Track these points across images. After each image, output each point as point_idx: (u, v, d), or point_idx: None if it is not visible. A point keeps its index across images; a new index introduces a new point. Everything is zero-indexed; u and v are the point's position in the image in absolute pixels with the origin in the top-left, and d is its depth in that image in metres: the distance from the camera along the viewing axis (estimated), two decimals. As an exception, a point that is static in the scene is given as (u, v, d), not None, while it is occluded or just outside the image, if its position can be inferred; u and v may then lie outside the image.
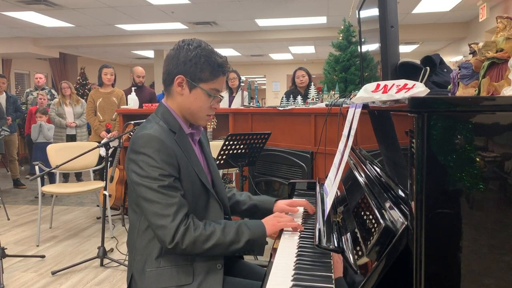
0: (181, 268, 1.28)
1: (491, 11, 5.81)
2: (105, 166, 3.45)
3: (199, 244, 1.22)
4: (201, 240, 1.22)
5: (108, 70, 4.66)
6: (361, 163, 1.47)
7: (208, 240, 1.22)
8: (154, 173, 1.22)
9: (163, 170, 1.22)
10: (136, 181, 1.24)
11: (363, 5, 1.72)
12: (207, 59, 1.30)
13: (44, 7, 6.63)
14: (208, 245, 1.22)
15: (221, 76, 1.35)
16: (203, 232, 1.22)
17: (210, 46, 1.35)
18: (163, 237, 1.21)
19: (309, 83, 4.53)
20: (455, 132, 0.74)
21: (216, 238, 1.23)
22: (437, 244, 0.75)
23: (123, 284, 2.76)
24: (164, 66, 1.35)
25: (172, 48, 1.34)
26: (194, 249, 1.22)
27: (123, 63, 13.91)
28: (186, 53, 1.30)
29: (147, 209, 1.23)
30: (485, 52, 1.12)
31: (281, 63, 13.91)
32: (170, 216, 1.20)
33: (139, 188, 1.23)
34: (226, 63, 1.36)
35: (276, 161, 3.30)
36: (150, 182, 1.22)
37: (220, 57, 1.34)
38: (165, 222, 1.20)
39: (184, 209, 1.23)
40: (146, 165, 1.22)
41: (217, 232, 1.24)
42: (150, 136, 1.24)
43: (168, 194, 1.22)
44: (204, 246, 1.22)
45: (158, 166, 1.22)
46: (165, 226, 1.20)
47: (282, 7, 6.75)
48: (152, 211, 1.21)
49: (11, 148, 5.86)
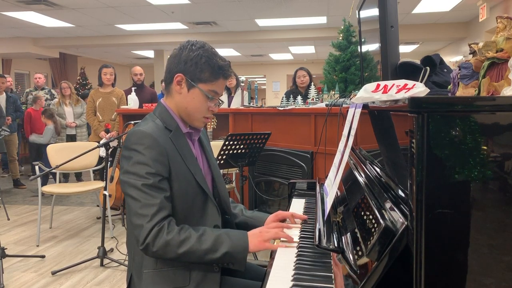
0: (178, 270, 1.27)
1: (491, 11, 5.81)
2: (105, 166, 3.45)
3: (171, 248, 1.18)
4: (173, 244, 1.18)
5: (108, 70, 4.65)
6: (361, 163, 1.47)
7: (181, 246, 1.19)
8: (141, 171, 1.21)
9: (150, 168, 1.21)
10: (123, 178, 1.24)
11: (363, 5, 1.72)
12: (208, 60, 1.30)
13: (44, 7, 6.63)
14: (180, 250, 1.19)
15: (221, 78, 1.34)
16: (175, 237, 1.19)
17: (214, 49, 1.35)
18: (138, 237, 1.19)
19: (309, 83, 4.53)
20: (455, 132, 0.74)
21: (190, 244, 1.19)
22: (437, 244, 0.75)
23: (123, 284, 2.76)
24: (166, 64, 1.36)
25: (176, 47, 1.35)
26: (165, 253, 1.19)
27: (123, 63, 13.91)
28: (188, 53, 1.30)
29: (129, 206, 1.22)
30: (485, 52, 1.12)
31: (281, 63, 13.91)
32: (148, 216, 1.18)
33: (124, 185, 1.24)
34: (228, 67, 1.35)
35: (276, 161, 3.30)
36: (135, 180, 1.21)
37: (223, 60, 1.34)
38: (142, 221, 1.18)
39: (164, 211, 1.21)
40: (135, 162, 1.22)
41: (192, 238, 1.20)
42: (143, 133, 1.24)
43: (150, 194, 1.20)
44: (177, 250, 1.19)
45: (146, 163, 1.21)
46: (141, 225, 1.18)
47: (282, 7, 6.75)
48: (133, 210, 1.20)
49: (11, 148, 5.86)
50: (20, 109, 6.18)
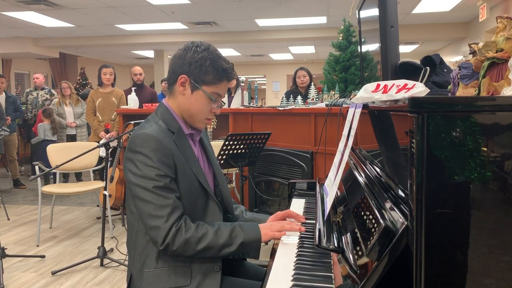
0: (178, 270, 1.28)
1: (491, 11, 5.81)
2: (105, 166, 3.45)
3: (190, 245, 1.21)
4: (192, 241, 1.21)
5: (107, 70, 4.64)
6: (361, 163, 1.47)
7: (199, 242, 1.22)
8: (150, 173, 1.21)
9: (159, 170, 1.22)
10: (132, 181, 1.24)
11: (363, 5, 1.72)
12: (213, 62, 1.31)
13: (44, 7, 6.63)
14: (199, 247, 1.22)
15: (225, 81, 1.35)
16: (194, 234, 1.22)
17: (218, 51, 1.36)
18: (156, 238, 1.21)
19: (309, 83, 4.53)
20: (455, 132, 0.74)
21: (208, 240, 1.22)
22: (437, 244, 0.75)
23: (123, 284, 2.76)
24: (170, 65, 1.36)
25: (181, 48, 1.35)
26: (185, 251, 1.22)
27: (123, 63, 13.91)
28: (193, 54, 1.31)
29: (141, 209, 1.23)
30: (485, 52, 1.12)
31: (281, 63, 13.90)
32: (164, 217, 1.20)
33: (134, 188, 1.24)
34: (232, 70, 1.36)
35: (276, 161, 3.30)
36: (145, 182, 1.21)
37: (226, 63, 1.34)
38: (158, 223, 1.20)
39: (178, 211, 1.23)
40: (143, 165, 1.22)
41: (209, 234, 1.23)
42: (148, 136, 1.24)
43: (163, 195, 1.21)
44: (196, 247, 1.22)
45: (155, 166, 1.22)
46: (158, 227, 1.20)
47: (282, 7, 6.75)
48: (146, 212, 1.21)
49: (11, 148, 5.86)
50: (20, 109, 6.18)
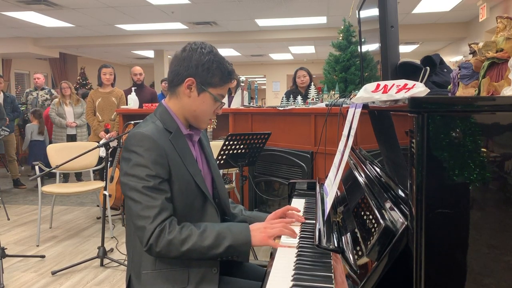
0: (176, 271, 1.27)
1: (491, 11, 5.81)
2: (105, 166, 3.45)
3: (174, 247, 1.20)
4: (175, 243, 1.19)
5: (107, 70, 4.64)
6: (361, 163, 1.47)
7: (183, 244, 1.20)
8: (141, 173, 1.21)
9: (150, 170, 1.22)
10: (123, 180, 1.24)
11: (363, 5, 1.72)
12: (219, 65, 1.32)
13: (44, 7, 6.63)
14: (183, 248, 1.20)
15: (229, 83, 1.37)
16: (177, 236, 1.20)
17: (219, 52, 1.37)
18: (141, 238, 1.21)
19: (309, 83, 4.53)
20: (455, 132, 0.74)
21: (192, 242, 1.20)
22: (437, 244, 0.75)
23: (123, 284, 2.76)
24: (172, 66, 1.34)
25: (183, 49, 1.33)
26: (169, 252, 1.20)
27: (123, 63, 13.91)
28: (199, 57, 1.30)
29: (131, 209, 1.23)
30: (485, 52, 1.12)
31: (281, 63, 13.90)
32: (150, 218, 1.19)
33: (124, 187, 1.24)
34: (234, 71, 1.38)
35: (276, 161, 3.30)
36: (135, 182, 1.21)
37: (230, 65, 1.36)
38: (145, 223, 1.19)
39: (165, 212, 1.22)
40: (135, 164, 1.22)
41: (194, 236, 1.21)
42: (143, 135, 1.24)
43: (151, 196, 1.21)
44: (180, 249, 1.20)
45: (146, 166, 1.22)
46: (144, 227, 1.19)
47: (282, 7, 6.75)
48: (135, 212, 1.21)
49: (9, 148, 5.85)
50: (18, 109, 6.17)
